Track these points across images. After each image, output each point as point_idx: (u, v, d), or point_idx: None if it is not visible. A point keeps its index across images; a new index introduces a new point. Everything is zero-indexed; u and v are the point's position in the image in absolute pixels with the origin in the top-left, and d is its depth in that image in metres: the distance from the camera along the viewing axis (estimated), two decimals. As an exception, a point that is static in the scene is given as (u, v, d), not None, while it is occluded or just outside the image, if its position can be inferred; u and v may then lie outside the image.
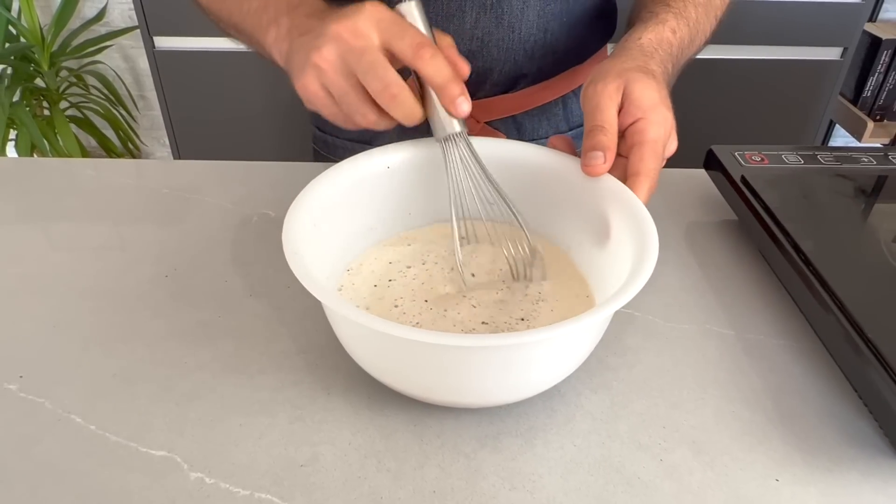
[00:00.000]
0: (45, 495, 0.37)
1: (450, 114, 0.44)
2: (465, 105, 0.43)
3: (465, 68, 0.44)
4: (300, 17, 0.47)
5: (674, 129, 0.48)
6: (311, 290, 0.37)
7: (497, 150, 0.51)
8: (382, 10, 0.42)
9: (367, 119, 0.44)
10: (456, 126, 0.45)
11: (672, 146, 0.48)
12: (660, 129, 0.46)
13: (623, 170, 0.46)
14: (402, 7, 0.43)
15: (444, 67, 0.42)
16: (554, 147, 0.50)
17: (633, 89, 0.46)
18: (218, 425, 0.41)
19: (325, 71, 0.42)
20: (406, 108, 0.42)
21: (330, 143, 0.76)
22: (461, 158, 0.46)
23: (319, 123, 0.78)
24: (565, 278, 0.49)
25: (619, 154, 0.46)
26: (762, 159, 0.61)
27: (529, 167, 0.50)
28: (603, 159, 0.44)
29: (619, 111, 0.46)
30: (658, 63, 0.51)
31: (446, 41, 0.44)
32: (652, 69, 0.49)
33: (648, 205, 0.44)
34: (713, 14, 0.61)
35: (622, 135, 0.46)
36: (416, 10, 0.44)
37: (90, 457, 0.39)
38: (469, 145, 0.46)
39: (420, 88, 0.45)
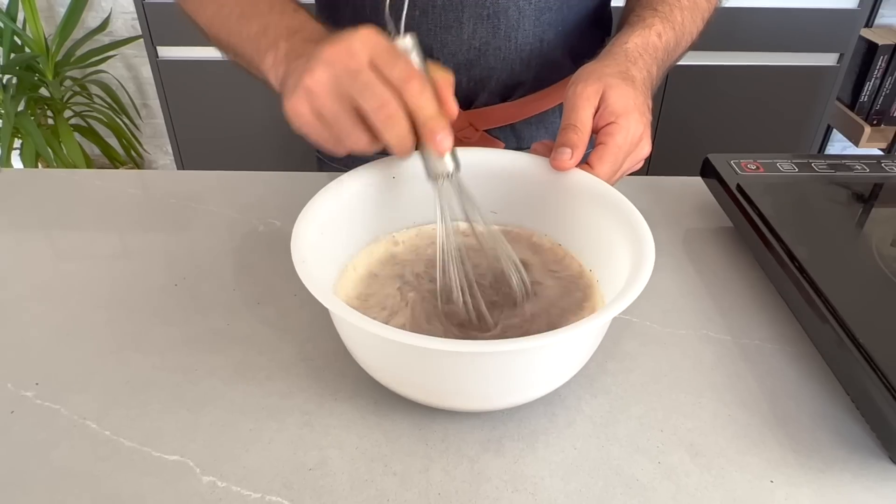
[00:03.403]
0: (61, 499, 0.38)
1: (431, 148, 0.43)
2: (446, 142, 0.42)
3: (453, 109, 0.43)
4: (298, 42, 0.47)
5: (647, 134, 0.50)
6: (320, 297, 0.38)
7: (487, 159, 0.52)
8: (377, 37, 0.41)
9: (359, 143, 0.42)
10: (448, 167, 0.44)
11: (645, 149, 0.51)
12: (626, 135, 0.48)
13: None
14: (399, 41, 0.43)
15: (430, 103, 0.41)
16: (537, 153, 0.52)
17: (609, 95, 0.49)
18: (229, 430, 0.43)
19: (317, 94, 0.41)
20: (400, 131, 0.41)
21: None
22: (449, 200, 0.46)
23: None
24: (568, 279, 0.50)
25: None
26: (757, 167, 0.62)
27: (525, 176, 0.52)
28: (570, 155, 0.48)
29: (596, 113, 0.49)
30: (641, 68, 0.53)
31: (445, 78, 0.43)
32: (633, 75, 0.51)
33: (646, 212, 0.45)
34: (700, 17, 0.62)
35: (595, 136, 0.50)
36: (412, 44, 0.43)
37: (105, 462, 0.41)
38: (460, 186, 0.46)
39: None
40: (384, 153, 0.45)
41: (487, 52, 0.65)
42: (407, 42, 0.43)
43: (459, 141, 0.69)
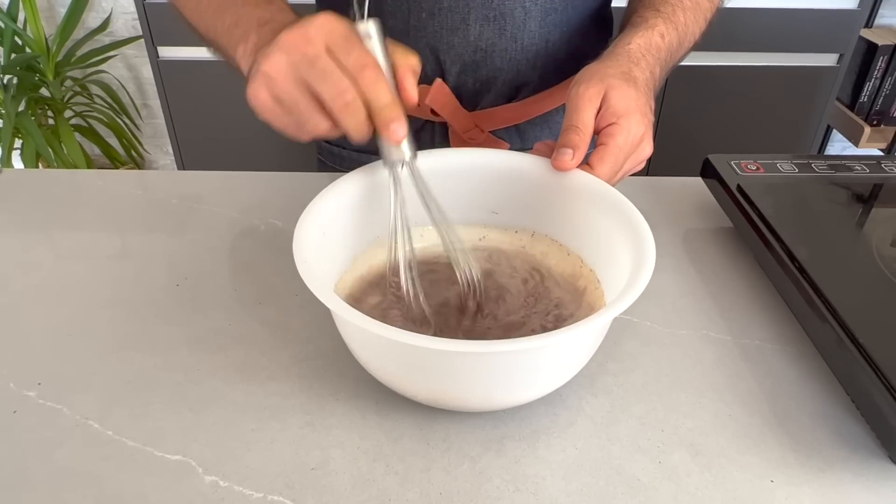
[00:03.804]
0: (64, 499, 0.39)
1: (384, 137, 0.43)
2: (399, 130, 0.42)
3: (412, 97, 0.43)
4: (268, 33, 0.47)
5: (648, 135, 0.50)
6: (322, 298, 0.38)
7: (488, 159, 0.53)
8: (336, 22, 0.41)
9: (319, 128, 0.42)
10: (404, 154, 0.44)
11: (646, 150, 0.51)
12: (628, 136, 0.49)
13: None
14: (360, 26, 0.43)
15: (384, 92, 0.41)
16: (539, 152, 0.52)
17: (611, 96, 0.49)
18: (231, 430, 0.43)
19: (275, 79, 0.41)
20: (357, 119, 0.41)
21: (336, 153, 0.77)
22: (404, 187, 0.46)
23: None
24: (569, 279, 0.50)
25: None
26: (757, 168, 0.62)
27: (527, 176, 0.52)
28: (571, 156, 0.48)
29: (597, 114, 0.49)
30: (643, 69, 0.53)
31: (409, 62, 0.43)
32: (635, 76, 0.51)
33: (646, 212, 0.46)
34: (702, 17, 0.63)
35: (597, 136, 0.50)
36: (374, 29, 0.43)
37: (108, 461, 0.41)
38: (416, 175, 0.46)
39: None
40: (375, 154, 0.45)
41: (493, 53, 0.65)
42: (369, 27, 0.43)
43: (465, 142, 0.70)
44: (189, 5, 0.57)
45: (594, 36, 0.72)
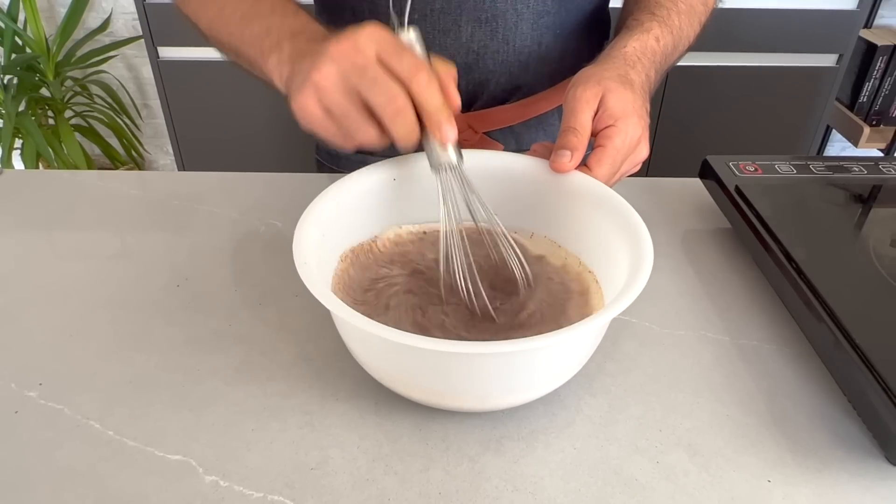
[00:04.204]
0: (65, 499, 0.39)
1: (436, 139, 0.44)
2: (451, 133, 0.43)
3: (456, 101, 0.44)
4: (302, 42, 0.47)
5: (645, 137, 0.51)
6: (321, 298, 0.38)
7: (486, 160, 0.53)
8: (382, 31, 0.42)
9: (369, 137, 0.43)
10: (451, 158, 0.45)
11: (643, 152, 0.52)
12: (625, 138, 0.49)
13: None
14: (403, 35, 0.44)
15: (437, 95, 0.42)
16: (536, 154, 0.52)
17: (609, 98, 0.49)
18: (231, 430, 0.43)
19: (326, 89, 0.42)
20: (408, 126, 0.42)
21: (334, 154, 0.77)
22: (452, 190, 0.47)
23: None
24: (567, 280, 0.51)
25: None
26: (756, 169, 0.63)
27: (525, 178, 0.52)
28: (569, 158, 0.48)
29: (595, 116, 0.50)
30: (639, 72, 0.54)
31: (448, 71, 0.44)
32: (632, 78, 0.52)
33: (645, 213, 0.46)
34: (697, 20, 0.63)
35: (594, 138, 0.50)
36: (416, 38, 0.44)
37: (109, 461, 0.41)
38: (463, 178, 0.47)
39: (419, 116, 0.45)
40: (387, 154, 0.45)
41: (486, 55, 0.65)
42: (411, 36, 0.44)
43: (458, 143, 0.70)
44: (207, 14, 0.57)
45: (589, 39, 0.72)
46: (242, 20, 0.53)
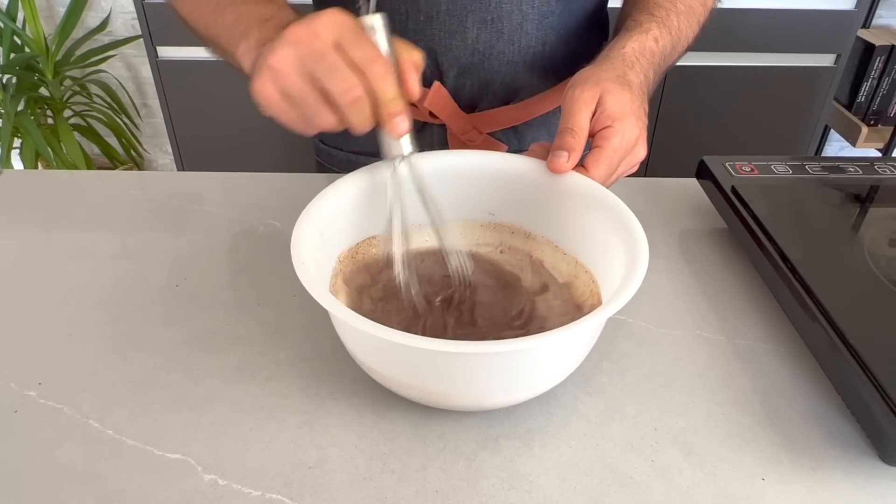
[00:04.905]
0: (65, 498, 0.39)
1: (387, 130, 0.44)
2: (402, 124, 0.43)
3: (414, 91, 0.44)
4: (270, 29, 0.47)
5: (642, 138, 0.51)
6: (319, 299, 0.38)
7: (485, 161, 0.53)
8: (343, 17, 0.41)
9: (327, 122, 0.43)
10: (403, 149, 0.45)
11: (640, 153, 0.52)
12: (622, 139, 0.49)
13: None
14: (366, 19, 0.43)
15: (391, 86, 0.42)
16: (534, 154, 0.53)
17: (607, 99, 0.50)
18: (230, 429, 0.43)
19: (282, 72, 0.41)
20: (363, 115, 0.42)
21: (333, 154, 0.78)
22: (402, 184, 0.47)
23: (322, 136, 0.80)
24: (564, 280, 0.51)
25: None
26: (752, 169, 0.63)
27: (523, 178, 0.52)
28: (567, 158, 0.49)
29: (593, 117, 0.50)
30: (638, 73, 0.54)
31: (411, 58, 0.44)
32: (630, 79, 0.52)
33: (642, 213, 0.46)
34: (695, 21, 0.63)
35: (592, 139, 0.50)
36: (380, 23, 0.43)
37: (108, 460, 0.41)
38: (415, 172, 0.47)
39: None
40: (373, 156, 0.45)
41: (491, 56, 0.65)
42: (375, 20, 0.43)
43: (464, 144, 0.70)
44: (187, 4, 0.58)
45: (591, 38, 0.72)
46: (216, 9, 0.53)
